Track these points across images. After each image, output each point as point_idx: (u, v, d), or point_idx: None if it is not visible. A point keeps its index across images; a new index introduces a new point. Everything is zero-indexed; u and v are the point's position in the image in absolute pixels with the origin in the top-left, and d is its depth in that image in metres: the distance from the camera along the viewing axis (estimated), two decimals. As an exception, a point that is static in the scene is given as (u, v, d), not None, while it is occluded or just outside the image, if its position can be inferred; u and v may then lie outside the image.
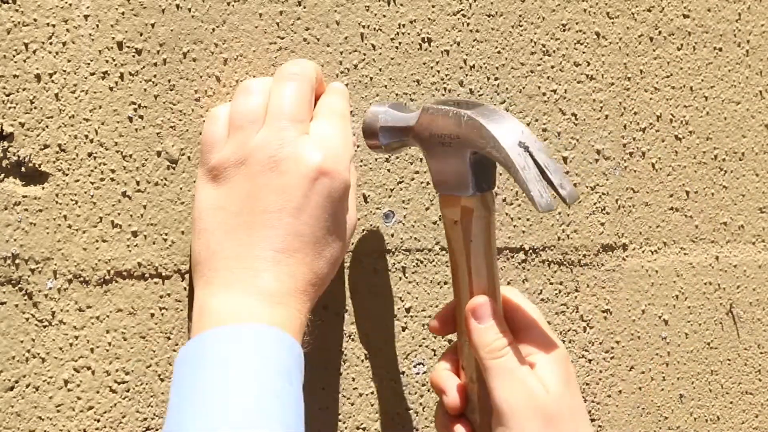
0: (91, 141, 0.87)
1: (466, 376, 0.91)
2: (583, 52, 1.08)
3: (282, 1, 0.94)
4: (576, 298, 1.09)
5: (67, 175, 0.87)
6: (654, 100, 1.12)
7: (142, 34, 0.88)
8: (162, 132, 0.90)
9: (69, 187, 0.87)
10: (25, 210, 0.85)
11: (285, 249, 0.83)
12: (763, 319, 1.21)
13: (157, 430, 0.90)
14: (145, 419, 0.90)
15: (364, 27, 0.97)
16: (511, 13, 1.04)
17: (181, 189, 0.90)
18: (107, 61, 0.87)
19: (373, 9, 0.98)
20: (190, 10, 0.90)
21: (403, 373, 1.01)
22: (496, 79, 1.03)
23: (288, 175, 0.83)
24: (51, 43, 0.85)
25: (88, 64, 0.87)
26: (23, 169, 0.85)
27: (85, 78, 0.87)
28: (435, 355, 1.02)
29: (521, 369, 0.86)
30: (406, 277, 1.01)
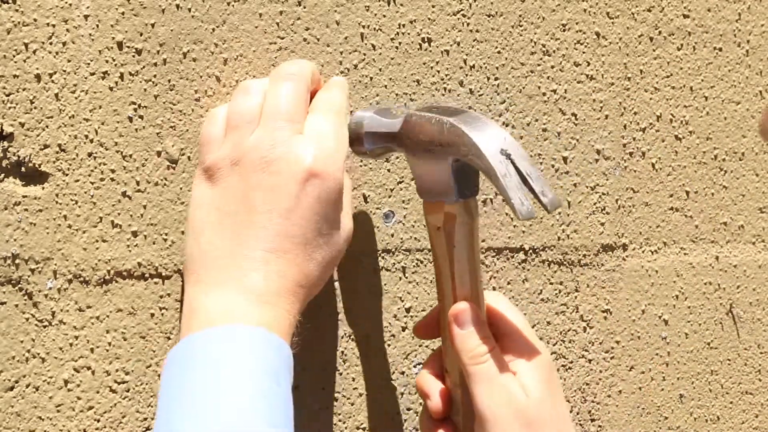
0: (91, 141, 0.87)
1: (450, 381, 0.91)
2: (583, 52, 1.08)
3: (282, 1, 0.94)
4: (576, 298, 1.09)
5: (67, 175, 0.87)
6: (654, 100, 1.12)
7: (142, 34, 0.88)
8: (162, 132, 0.90)
9: (69, 187, 0.87)
10: (25, 210, 0.85)
11: (275, 249, 0.83)
12: (763, 319, 1.21)
13: (157, 430, 0.90)
14: (145, 419, 0.90)
15: (364, 27, 0.97)
16: (511, 13, 1.04)
17: (181, 189, 0.90)
18: (107, 61, 0.87)
19: (373, 9, 0.98)
20: (190, 10, 0.90)
21: (403, 373, 1.01)
22: (496, 79, 1.03)
23: (279, 175, 0.83)
24: (51, 43, 0.85)
25: (88, 64, 0.87)
26: (23, 169, 0.85)
27: (85, 78, 0.87)
28: (435, 355, 1.02)
29: (502, 375, 0.87)
30: (406, 277, 1.01)
